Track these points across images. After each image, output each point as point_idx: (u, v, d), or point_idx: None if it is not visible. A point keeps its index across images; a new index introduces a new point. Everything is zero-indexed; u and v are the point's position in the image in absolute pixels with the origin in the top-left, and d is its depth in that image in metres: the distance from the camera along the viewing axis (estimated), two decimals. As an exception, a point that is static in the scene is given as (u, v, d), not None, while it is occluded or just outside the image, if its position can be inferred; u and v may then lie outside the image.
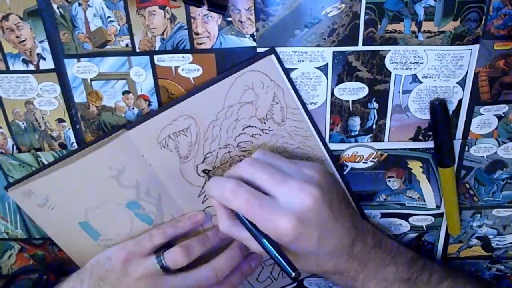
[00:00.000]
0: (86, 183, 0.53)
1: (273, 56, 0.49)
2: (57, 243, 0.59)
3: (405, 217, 0.57)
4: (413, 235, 0.59)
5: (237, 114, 0.52)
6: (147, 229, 0.57)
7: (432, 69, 0.48)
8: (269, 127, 0.52)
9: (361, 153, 0.53)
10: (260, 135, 0.53)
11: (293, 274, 0.44)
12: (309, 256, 0.48)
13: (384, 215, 0.57)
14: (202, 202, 0.56)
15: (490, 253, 0.59)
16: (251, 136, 0.53)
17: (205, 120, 0.52)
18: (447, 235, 0.58)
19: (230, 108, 0.51)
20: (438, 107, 0.49)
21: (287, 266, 0.45)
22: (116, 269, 0.54)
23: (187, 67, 0.50)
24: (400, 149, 0.53)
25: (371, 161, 0.54)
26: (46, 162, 0.56)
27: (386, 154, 0.53)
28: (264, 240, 0.46)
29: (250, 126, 0.53)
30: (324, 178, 0.49)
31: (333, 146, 0.53)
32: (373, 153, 0.53)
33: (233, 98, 0.51)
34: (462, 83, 0.49)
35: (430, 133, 0.51)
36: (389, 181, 0.55)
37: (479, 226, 0.57)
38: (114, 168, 0.53)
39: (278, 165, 0.49)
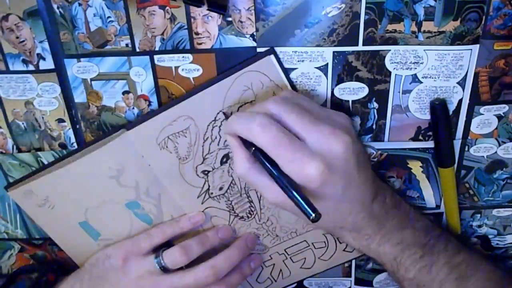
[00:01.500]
0: (86, 183, 0.54)
1: (272, 56, 0.49)
2: (57, 243, 0.59)
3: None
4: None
5: None
6: (147, 229, 0.57)
7: (432, 69, 0.48)
8: None
9: (361, 153, 0.53)
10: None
11: (313, 214, 0.41)
12: (329, 205, 0.46)
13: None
14: (202, 203, 0.56)
15: (490, 253, 0.59)
16: None
17: (204, 120, 0.52)
18: (447, 235, 0.58)
19: (230, 109, 0.51)
20: (438, 107, 0.49)
21: (306, 206, 0.41)
22: (115, 267, 0.54)
23: (187, 67, 0.50)
24: (400, 149, 0.53)
25: (371, 161, 0.54)
26: (46, 162, 0.56)
27: (386, 154, 0.53)
28: (285, 182, 0.43)
29: None
30: (353, 129, 0.48)
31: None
32: (373, 153, 0.53)
33: (232, 99, 0.51)
34: (462, 83, 0.49)
35: (430, 133, 0.52)
36: (389, 181, 0.55)
37: (479, 226, 0.57)
38: (113, 168, 0.53)
39: (308, 107, 0.46)
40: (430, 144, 0.52)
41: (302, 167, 0.42)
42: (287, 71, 0.50)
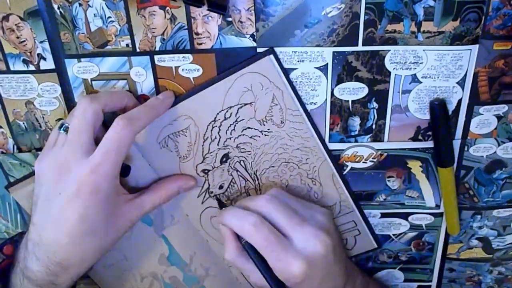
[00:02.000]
0: None
1: (272, 56, 0.49)
2: None
3: (405, 216, 0.57)
4: (412, 234, 0.59)
5: (236, 115, 0.52)
6: (146, 230, 0.57)
7: (431, 69, 0.48)
8: (268, 129, 0.53)
9: (361, 153, 0.54)
10: (259, 136, 0.53)
11: None
12: None
13: (383, 215, 0.57)
14: (202, 202, 0.57)
15: (491, 255, 0.59)
16: (250, 137, 0.53)
17: (204, 120, 0.52)
18: (447, 235, 0.58)
19: (230, 109, 0.52)
20: (437, 107, 0.49)
21: None
22: (35, 180, 0.50)
23: (187, 67, 0.50)
24: (400, 149, 0.53)
25: (370, 161, 0.54)
26: (46, 162, 0.56)
27: (385, 154, 0.53)
28: (269, 277, 0.50)
29: (249, 127, 0.53)
30: (332, 225, 0.52)
31: (333, 146, 0.53)
32: (373, 153, 0.53)
33: (232, 99, 0.51)
34: (461, 83, 0.49)
35: (430, 133, 0.52)
36: (388, 180, 0.55)
37: (480, 227, 0.57)
38: None
39: (294, 205, 0.52)
40: (429, 144, 0.52)
41: (287, 265, 0.47)
42: (287, 72, 0.50)
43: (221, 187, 0.56)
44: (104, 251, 0.50)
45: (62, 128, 0.49)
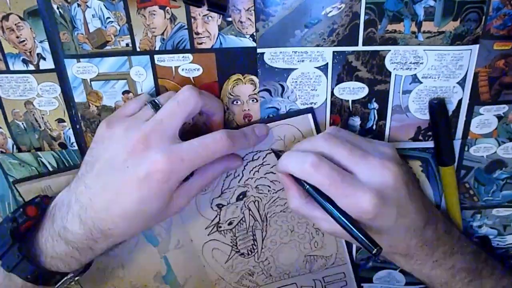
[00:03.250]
0: None
1: (310, 115, 0.51)
2: None
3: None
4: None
5: (263, 159, 0.53)
6: (151, 250, 0.58)
7: (432, 69, 0.48)
8: None
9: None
10: (279, 182, 0.55)
11: (375, 250, 0.43)
12: (383, 235, 0.47)
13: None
14: (208, 234, 0.58)
15: (491, 253, 0.59)
16: (271, 181, 0.55)
17: None
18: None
19: (258, 153, 0.53)
20: (436, 106, 0.49)
21: (368, 242, 0.43)
22: (98, 137, 0.48)
23: (187, 66, 0.50)
24: (400, 148, 0.53)
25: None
26: (46, 162, 0.56)
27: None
28: (342, 217, 0.45)
29: (272, 172, 0.54)
30: (400, 158, 0.49)
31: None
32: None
33: (264, 145, 0.53)
34: (462, 83, 0.49)
35: (430, 133, 0.52)
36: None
37: (479, 226, 0.57)
38: None
39: (354, 141, 0.48)
40: (429, 144, 0.52)
41: (356, 201, 0.44)
42: (320, 130, 0.52)
43: (230, 223, 0.57)
44: (146, 230, 0.50)
45: (151, 102, 0.48)
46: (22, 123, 0.55)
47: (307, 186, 0.47)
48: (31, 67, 0.51)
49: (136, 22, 0.48)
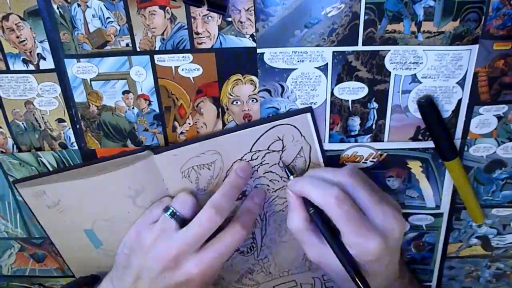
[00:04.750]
0: (103, 197, 0.54)
1: (309, 114, 0.51)
2: (55, 243, 0.59)
3: (405, 216, 0.57)
4: (413, 235, 0.59)
5: (262, 159, 0.54)
6: None
7: (431, 69, 0.48)
8: (288, 176, 0.53)
9: (361, 153, 0.54)
10: (278, 181, 0.55)
11: None
12: (372, 275, 0.49)
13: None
14: None
15: (490, 252, 0.59)
16: (270, 180, 0.55)
17: (231, 158, 0.54)
18: (447, 235, 0.58)
19: (257, 153, 0.53)
20: (425, 104, 0.49)
21: (359, 283, 0.47)
22: (131, 245, 0.53)
23: (187, 66, 0.50)
24: (400, 149, 0.53)
25: (370, 161, 0.54)
26: (46, 162, 0.56)
27: (385, 154, 0.53)
28: (341, 253, 0.48)
29: (271, 172, 0.55)
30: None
31: (332, 146, 0.53)
32: (373, 153, 0.53)
33: (262, 144, 0.53)
34: (461, 83, 0.49)
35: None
36: (388, 180, 0.55)
37: (479, 226, 0.57)
38: (133, 188, 0.54)
39: (370, 183, 0.51)
40: (429, 144, 0.52)
41: (365, 242, 0.46)
42: (319, 132, 0.52)
43: None
44: None
45: (169, 214, 0.52)
46: (22, 123, 0.55)
47: (312, 210, 0.49)
48: (31, 67, 0.51)
49: (136, 22, 0.48)
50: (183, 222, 0.52)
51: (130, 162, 0.52)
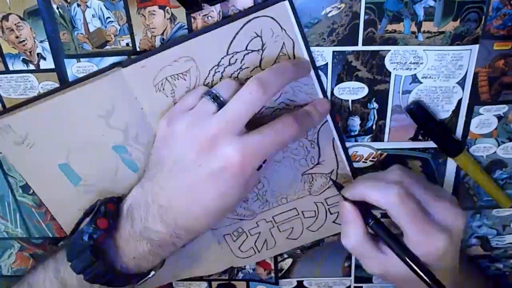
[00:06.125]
0: (72, 119, 0.50)
1: (286, 2, 0.46)
2: (33, 188, 0.56)
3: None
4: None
5: (241, 62, 0.49)
6: (133, 177, 0.54)
7: (432, 69, 0.48)
8: None
9: (361, 153, 0.53)
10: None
11: None
12: (438, 273, 0.47)
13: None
14: None
15: (489, 253, 0.59)
16: None
17: (207, 64, 0.48)
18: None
19: (235, 55, 0.48)
20: (415, 109, 0.50)
21: (432, 284, 0.45)
22: (162, 135, 0.48)
23: (187, 66, 0.50)
24: (400, 148, 0.53)
25: (370, 161, 0.54)
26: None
27: (385, 153, 0.53)
28: (409, 257, 0.46)
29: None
30: None
31: (332, 146, 0.53)
32: (373, 153, 0.53)
33: (239, 45, 0.48)
34: (461, 83, 0.49)
35: (429, 133, 0.52)
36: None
37: (479, 226, 0.57)
38: (103, 107, 0.50)
39: (425, 180, 0.50)
40: (429, 144, 0.52)
41: (431, 239, 0.45)
42: (301, 22, 0.47)
43: None
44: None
45: (211, 96, 0.46)
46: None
47: (372, 222, 0.48)
48: (32, 67, 0.51)
49: (136, 22, 0.48)
50: None
51: (97, 79, 0.49)
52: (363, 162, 0.54)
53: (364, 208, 0.48)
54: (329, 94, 0.51)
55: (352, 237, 0.48)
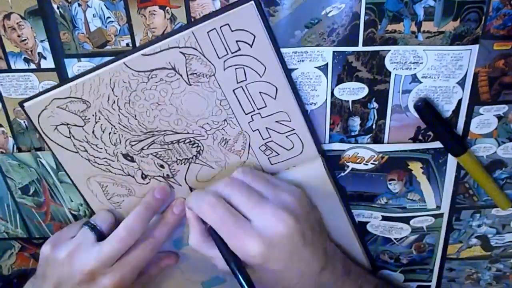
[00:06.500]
0: None
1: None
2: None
3: (406, 220, 0.57)
4: (413, 237, 0.59)
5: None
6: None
7: (431, 69, 0.48)
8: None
9: (362, 155, 0.53)
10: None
11: None
12: (273, 278, 0.49)
13: (385, 218, 0.57)
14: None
15: (490, 253, 0.59)
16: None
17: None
18: (447, 236, 0.58)
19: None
20: (422, 106, 0.49)
21: (240, 278, 0.47)
22: (47, 257, 0.54)
23: (187, 66, 0.50)
24: (401, 151, 0.53)
25: (372, 163, 0.54)
26: (45, 163, 0.56)
27: (387, 156, 0.53)
28: (232, 262, 0.47)
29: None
30: (301, 205, 0.50)
31: (333, 146, 0.53)
32: (374, 156, 0.53)
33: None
34: (461, 83, 0.49)
35: (430, 132, 0.52)
36: (390, 183, 0.55)
37: (479, 226, 0.57)
38: None
39: (256, 186, 0.50)
40: (430, 145, 0.52)
41: (243, 245, 0.47)
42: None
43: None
44: None
45: (87, 225, 0.54)
46: (24, 122, 0.55)
47: (209, 225, 0.49)
48: (33, 66, 0.51)
49: (136, 22, 0.49)
50: (101, 236, 0.54)
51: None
52: (364, 164, 0.54)
53: None
54: (329, 95, 0.51)
55: (192, 237, 0.51)
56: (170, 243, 0.59)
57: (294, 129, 0.52)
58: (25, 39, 0.50)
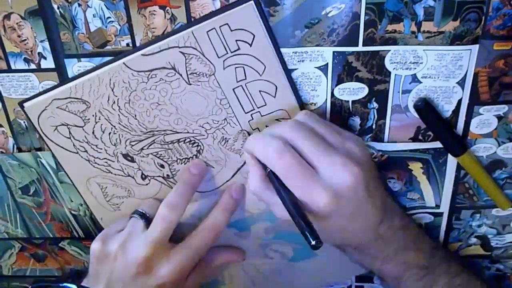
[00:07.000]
0: None
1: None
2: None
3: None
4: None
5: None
6: None
7: (431, 69, 0.48)
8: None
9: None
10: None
11: (313, 242, 0.41)
12: (335, 228, 0.47)
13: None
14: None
15: (490, 253, 0.59)
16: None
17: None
18: (447, 235, 0.58)
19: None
20: (423, 107, 0.49)
21: (308, 234, 0.42)
22: (98, 255, 0.52)
23: (187, 67, 0.50)
24: (401, 150, 0.53)
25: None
26: (45, 163, 0.56)
27: (386, 155, 0.53)
28: (291, 207, 0.44)
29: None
30: (365, 155, 0.47)
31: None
32: (374, 153, 0.53)
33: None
34: (461, 83, 0.49)
35: (430, 133, 0.52)
36: (389, 182, 0.55)
37: (479, 226, 0.57)
38: None
39: (322, 132, 0.47)
40: (430, 145, 0.52)
41: (311, 197, 0.44)
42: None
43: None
44: None
45: (138, 214, 0.54)
46: (24, 122, 0.55)
47: (269, 170, 0.46)
48: (33, 66, 0.51)
49: (137, 22, 0.49)
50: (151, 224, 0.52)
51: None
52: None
53: None
54: (329, 95, 0.51)
55: (252, 182, 0.48)
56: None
57: None
58: (25, 39, 0.50)
